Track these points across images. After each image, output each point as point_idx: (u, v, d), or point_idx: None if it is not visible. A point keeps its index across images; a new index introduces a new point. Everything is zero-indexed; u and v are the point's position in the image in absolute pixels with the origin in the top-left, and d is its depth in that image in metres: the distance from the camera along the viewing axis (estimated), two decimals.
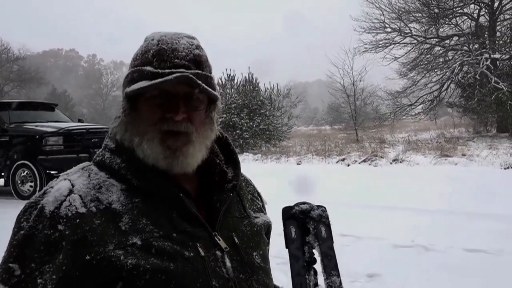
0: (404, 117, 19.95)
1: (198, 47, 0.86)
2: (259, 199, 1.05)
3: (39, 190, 6.52)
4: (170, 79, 0.78)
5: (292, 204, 0.83)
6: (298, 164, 11.66)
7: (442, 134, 17.23)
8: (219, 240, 0.83)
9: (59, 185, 0.80)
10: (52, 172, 8.46)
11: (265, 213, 1.03)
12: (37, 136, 8.13)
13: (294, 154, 13.04)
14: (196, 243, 0.80)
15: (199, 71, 0.83)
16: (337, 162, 11.26)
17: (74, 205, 0.76)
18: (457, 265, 3.78)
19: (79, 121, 10.68)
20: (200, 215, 0.83)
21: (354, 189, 7.36)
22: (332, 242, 0.78)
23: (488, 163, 9.23)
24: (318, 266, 0.79)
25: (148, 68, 0.81)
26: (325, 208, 0.81)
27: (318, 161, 11.62)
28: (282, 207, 0.84)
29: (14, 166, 8.16)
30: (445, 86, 18.77)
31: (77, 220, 0.74)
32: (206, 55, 0.88)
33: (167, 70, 0.80)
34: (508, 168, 8.81)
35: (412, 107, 19.43)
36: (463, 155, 10.48)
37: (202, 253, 0.79)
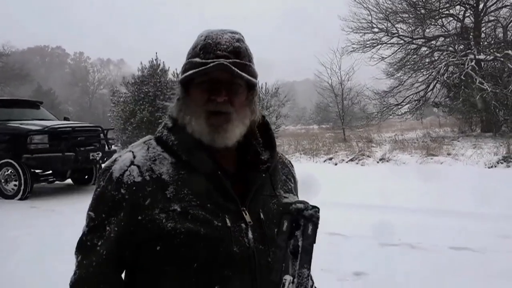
0: (390, 116, 20.12)
1: (239, 40, 1.01)
2: (292, 181, 1.18)
3: (24, 189, 6.35)
4: (210, 66, 0.94)
5: (293, 201, 0.95)
6: None
7: (428, 133, 17.44)
8: (246, 214, 0.97)
9: (125, 156, 1.00)
10: (37, 171, 8.34)
11: (295, 194, 1.15)
12: (22, 134, 8.00)
13: (282, 153, 13.06)
14: (225, 215, 0.95)
15: (237, 60, 0.97)
16: (324, 161, 11.33)
17: (133, 175, 0.95)
18: (443, 263, 3.83)
19: (65, 119, 10.52)
20: (236, 189, 0.98)
21: (341, 188, 7.41)
22: (314, 241, 0.88)
23: (473, 162, 9.38)
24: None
25: (196, 59, 0.98)
26: (318, 209, 0.91)
27: (306, 160, 11.67)
28: (283, 202, 0.99)
29: None
30: (431, 86, 19.00)
31: (134, 188, 0.94)
32: (247, 47, 1.02)
33: (209, 60, 0.96)
34: (492, 167, 8.97)
35: (399, 106, 19.62)
36: (448, 154, 10.63)
37: (229, 224, 0.95)
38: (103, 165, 1.03)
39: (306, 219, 0.89)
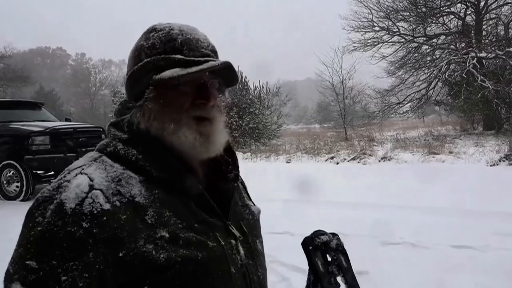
0: (392, 115, 20.10)
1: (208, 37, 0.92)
2: (243, 186, 1.08)
3: (26, 190, 6.37)
4: (219, 65, 0.83)
5: (311, 234, 0.91)
6: (287, 162, 11.69)
7: (430, 132, 17.41)
8: (233, 229, 0.87)
9: (78, 181, 0.77)
10: (39, 172, 8.36)
11: (250, 200, 1.06)
12: (24, 136, 8.02)
13: (284, 153, 13.06)
14: (216, 232, 0.83)
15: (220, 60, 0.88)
16: (326, 160, 11.31)
17: (98, 202, 0.74)
18: (444, 262, 3.83)
19: (67, 120, 10.55)
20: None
21: (343, 187, 7.40)
22: (353, 272, 0.85)
23: (475, 161, 9.36)
24: None
25: (179, 56, 0.84)
26: (339, 236, 0.88)
27: (307, 160, 11.67)
28: (304, 237, 0.92)
29: (0, 166, 8.05)
30: (432, 85, 18.96)
31: (104, 218, 0.73)
32: None
33: (200, 58, 0.84)
34: (494, 165, 8.95)
35: (400, 105, 19.59)
36: (450, 152, 10.61)
37: (222, 242, 0.83)
38: (36, 196, 0.78)
39: (335, 251, 0.85)
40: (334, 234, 0.87)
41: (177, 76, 0.81)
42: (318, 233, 0.87)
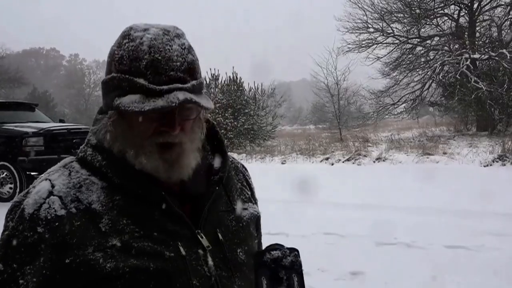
0: (387, 116, 20.14)
1: (189, 49, 0.81)
2: (248, 188, 1.02)
3: (19, 192, 6.33)
4: (174, 105, 0.74)
5: (264, 248, 0.81)
6: (282, 163, 11.70)
7: (424, 133, 17.48)
8: (202, 238, 0.82)
9: (40, 187, 0.79)
10: (32, 173, 8.31)
11: (254, 203, 1.00)
12: (17, 137, 7.97)
13: (279, 154, 13.07)
14: (178, 242, 0.79)
15: (195, 82, 0.79)
16: (321, 161, 11.33)
17: (53, 208, 0.76)
18: (439, 262, 3.85)
19: (60, 121, 10.49)
20: (185, 210, 0.82)
21: (337, 188, 7.42)
22: None
23: (468, 161, 9.41)
24: None
25: (142, 81, 0.76)
26: (297, 252, 0.78)
27: (302, 161, 11.68)
28: (255, 252, 0.85)
29: None
30: (426, 86, 19.03)
31: (56, 224, 0.74)
32: (196, 55, 0.83)
33: (164, 87, 0.75)
34: (487, 165, 9.01)
35: (395, 106, 19.63)
36: (444, 153, 10.66)
37: (183, 252, 0.79)
38: (12, 201, 0.82)
39: (288, 270, 0.76)
40: (292, 250, 0.77)
41: (130, 111, 0.75)
42: (270, 248, 0.79)
